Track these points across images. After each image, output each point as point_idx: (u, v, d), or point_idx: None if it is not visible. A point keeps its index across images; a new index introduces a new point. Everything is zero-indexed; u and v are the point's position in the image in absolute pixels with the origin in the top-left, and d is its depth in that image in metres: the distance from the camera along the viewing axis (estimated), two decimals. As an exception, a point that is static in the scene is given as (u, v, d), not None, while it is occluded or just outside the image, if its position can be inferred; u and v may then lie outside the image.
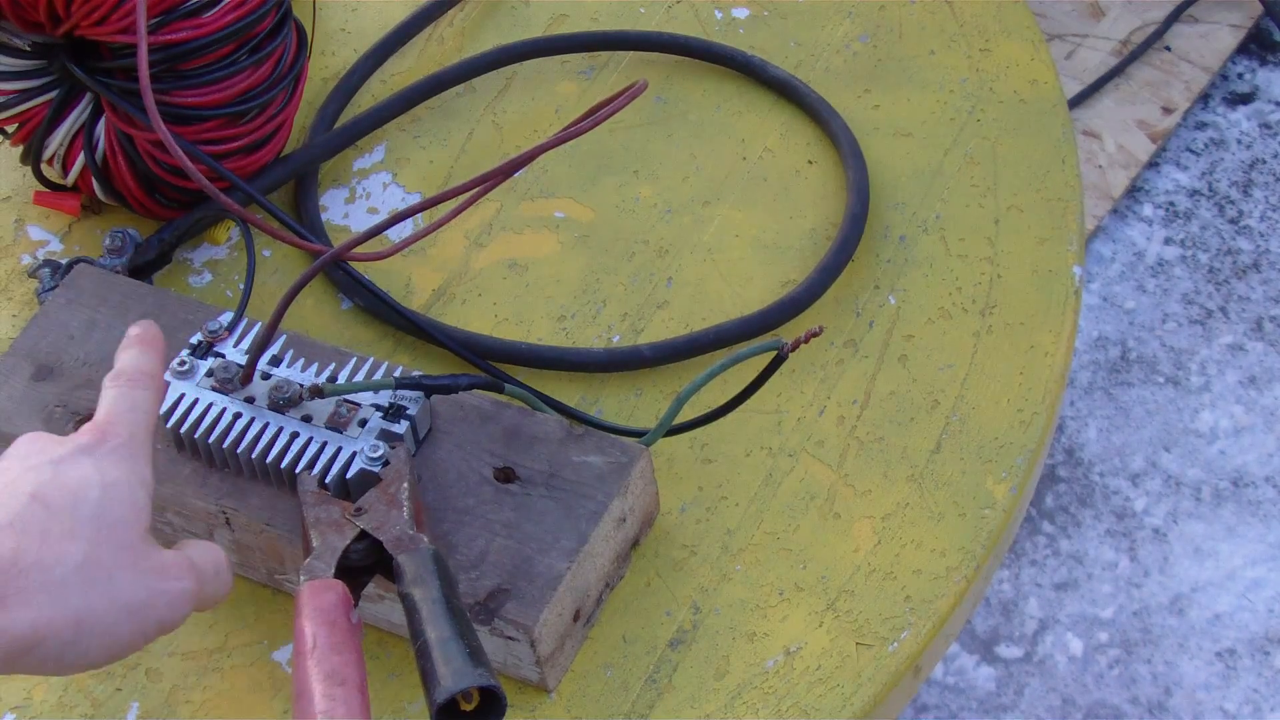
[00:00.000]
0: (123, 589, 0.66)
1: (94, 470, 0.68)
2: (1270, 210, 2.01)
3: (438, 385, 0.80)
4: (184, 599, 0.68)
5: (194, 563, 0.70)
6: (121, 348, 0.77)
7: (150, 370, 0.75)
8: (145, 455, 0.71)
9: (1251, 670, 1.67)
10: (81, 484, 0.67)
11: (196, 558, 0.70)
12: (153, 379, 0.75)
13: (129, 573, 0.66)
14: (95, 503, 0.67)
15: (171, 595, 0.68)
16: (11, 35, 0.92)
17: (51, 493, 0.66)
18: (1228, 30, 2.11)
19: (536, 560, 0.77)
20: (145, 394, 0.74)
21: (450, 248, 0.97)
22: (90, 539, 0.66)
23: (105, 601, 0.65)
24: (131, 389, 0.73)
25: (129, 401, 0.73)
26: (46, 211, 1.00)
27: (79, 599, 0.64)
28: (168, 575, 0.68)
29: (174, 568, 0.68)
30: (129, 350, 0.76)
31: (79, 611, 0.64)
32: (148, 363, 0.76)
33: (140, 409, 0.73)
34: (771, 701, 0.79)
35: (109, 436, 0.70)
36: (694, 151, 1.01)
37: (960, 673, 1.68)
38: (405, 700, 0.80)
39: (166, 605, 0.68)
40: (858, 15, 1.07)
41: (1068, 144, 1.00)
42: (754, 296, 0.94)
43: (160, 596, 0.67)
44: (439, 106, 1.04)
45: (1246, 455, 1.82)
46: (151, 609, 0.67)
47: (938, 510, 0.85)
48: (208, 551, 0.71)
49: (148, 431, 0.72)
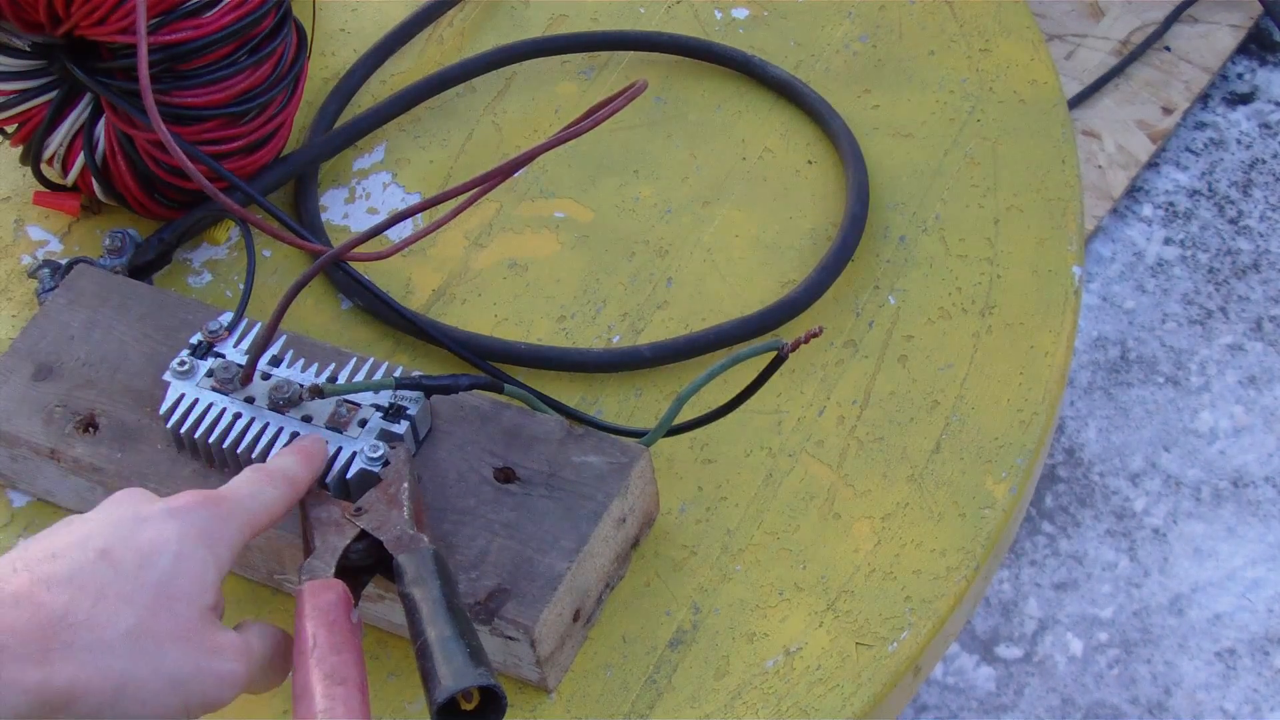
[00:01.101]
0: (171, 661, 0.65)
1: (174, 536, 0.67)
2: (1270, 210, 2.01)
3: (438, 385, 0.80)
4: (233, 681, 0.67)
5: (250, 647, 0.68)
6: (283, 451, 0.76)
7: (294, 477, 0.74)
8: (235, 540, 0.69)
9: (1251, 670, 1.67)
10: (157, 548, 0.66)
11: (254, 642, 0.69)
12: (291, 485, 0.74)
13: (180, 645, 0.65)
14: (164, 571, 0.66)
15: (220, 675, 0.66)
16: (11, 35, 0.92)
17: (122, 552, 0.65)
18: (1228, 30, 2.11)
19: (536, 560, 0.77)
20: (274, 493, 0.73)
21: (450, 248, 0.97)
22: (148, 606, 0.65)
23: (149, 670, 0.64)
24: (264, 483, 0.73)
25: (254, 489, 0.72)
26: (46, 211, 1.00)
27: (123, 663, 0.63)
28: (220, 655, 0.67)
29: (228, 649, 0.67)
30: (286, 455, 0.76)
31: (122, 676, 0.63)
32: (297, 471, 0.75)
33: (259, 501, 0.72)
34: (771, 701, 0.79)
35: (207, 506, 0.69)
36: (694, 151, 1.01)
37: (960, 673, 1.68)
38: (405, 700, 0.80)
39: (214, 684, 0.66)
40: (858, 15, 1.07)
41: (1068, 144, 1.00)
42: (754, 296, 0.94)
43: (209, 675, 0.66)
44: (439, 106, 1.04)
45: (1246, 455, 1.82)
46: (197, 685, 0.66)
47: (937, 510, 0.85)
48: (268, 637, 0.70)
49: (251, 524, 0.71)
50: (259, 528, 0.71)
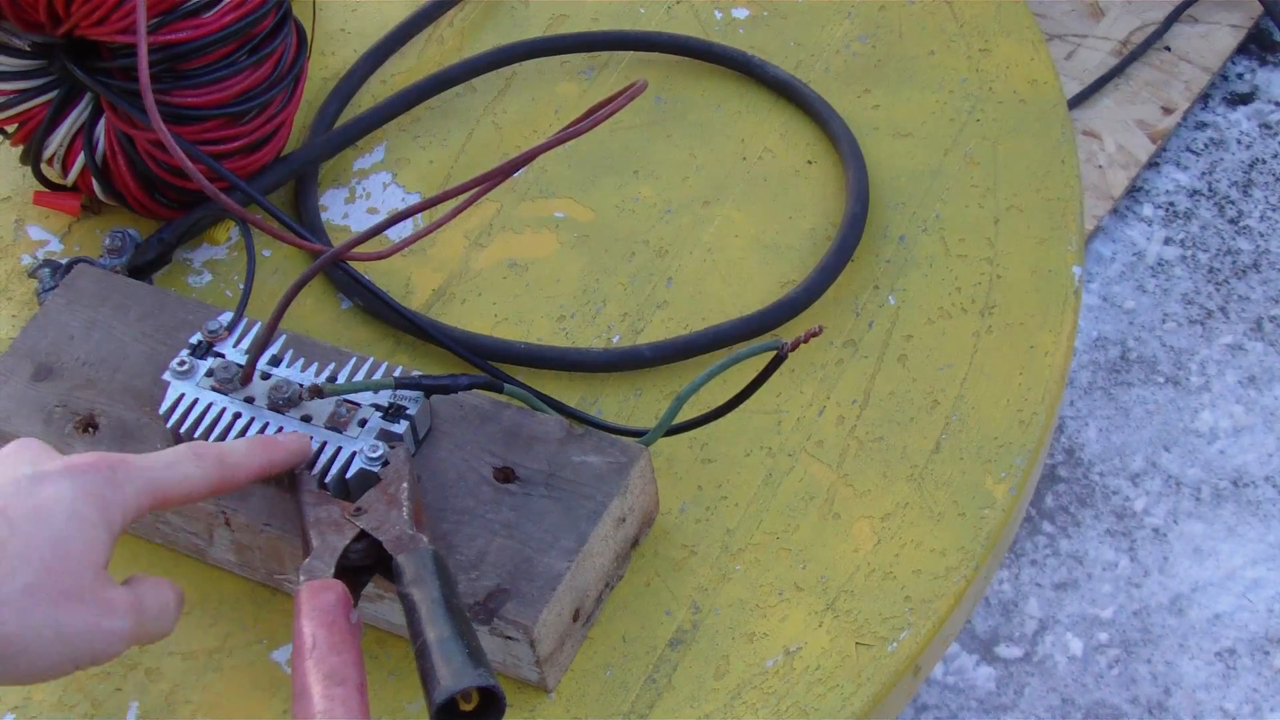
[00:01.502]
0: (63, 617, 0.66)
1: (69, 496, 0.67)
2: (1270, 210, 2.01)
3: (437, 385, 0.80)
4: (120, 637, 0.68)
5: (140, 603, 0.69)
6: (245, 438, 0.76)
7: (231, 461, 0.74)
8: (130, 505, 0.69)
9: (1251, 670, 1.67)
10: (52, 507, 0.67)
11: (145, 598, 0.70)
12: (222, 468, 0.73)
13: (72, 603, 0.66)
14: (57, 529, 0.66)
15: (109, 632, 0.68)
16: (11, 35, 0.92)
17: (18, 509, 0.66)
18: (1228, 30, 2.11)
19: (536, 560, 0.77)
20: (194, 470, 0.72)
21: (450, 248, 0.97)
22: (43, 563, 0.65)
23: (41, 626, 0.65)
24: (187, 458, 0.72)
25: (171, 460, 0.72)
26: (46, 211, 1.00)
27: (17, 619, 0.64)
28: (111, 613, 0.68)
29: (118, 606, 0.68)
30: (241, 440, 0.75)
31: (15, 631, 0.64)
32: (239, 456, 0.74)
33: (172, 473, 0.71)
34: (771, 701, 0.79)
35: (105, 470, 0.69)
36: (694, 151, 1.01)
37: (960, 673, 1.68)
38: (405, 700, 0.80)
39: (103, 640, 0.67)
40: (858, 15, 1.07)
41: (1068, 144, 1.00)
42: (754, 296, 0.94)
43: (97, 632, 0.67)
44: (439, 106, 1.04)
45: (1246, 455, 1.82)
46: (86, 641, 0.67)
47: (937, 510, 0.85)
48: (158, 592, 0.71)
49: (151, 494, 0.70)
50: (166, 499, 0.71)
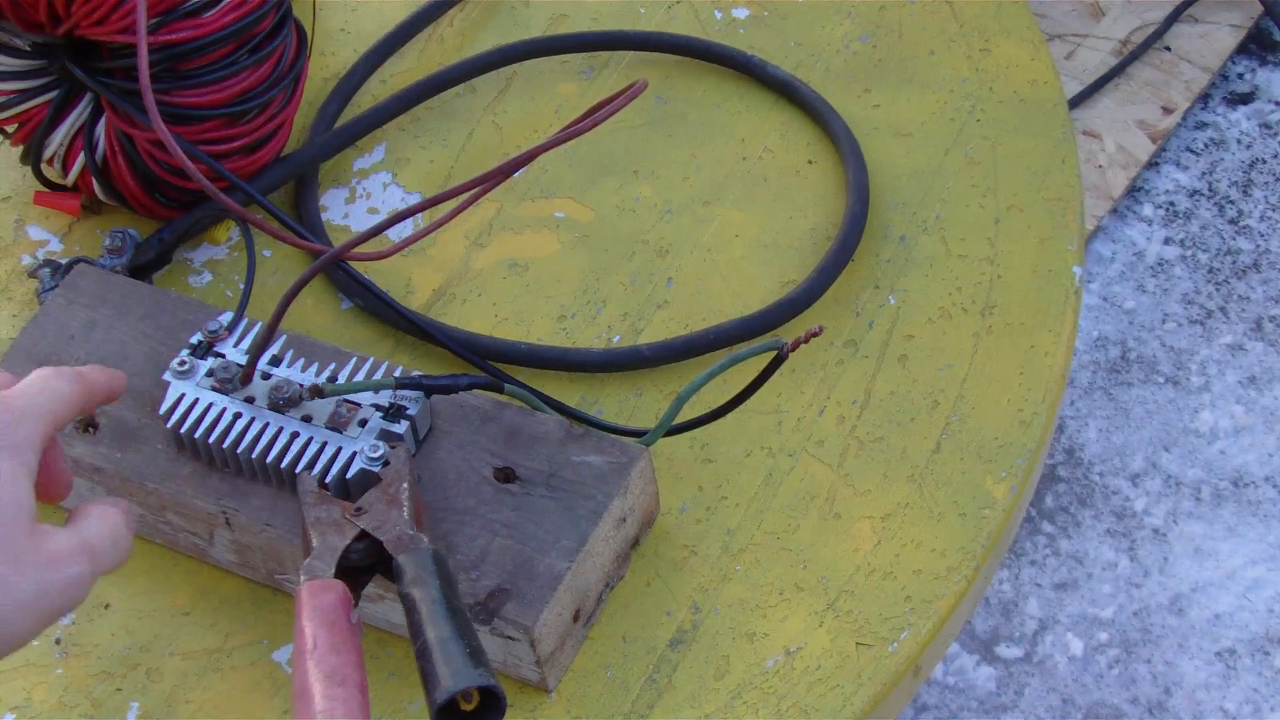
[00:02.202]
0: (13, 589, 0.64)
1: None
2: (1270, 210, 2.01)
3: (438, 385, 0.80)
4: (79, 583, 0.66)
5: (87, 541, 0.67)
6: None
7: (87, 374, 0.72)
8: (36, 439, 0.67)
9: (1251, 670, 1.67)
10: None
11: (90, 534, 0.67)
12: (81, 380, 0.71)
13: (15, 569, 0.64)
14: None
15: (65, 583, 0.65)
16: (11, 35, 0.92)
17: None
18: (1228, 30, 2.11)
19: (536, 560, 0.77)
20: (64, 386, 0.70)
21: (450, 248, 0.97)
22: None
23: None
24: (51, 377, 0.70)
25: (39, 384, 0.69)
26: (46, 211, 1.00)
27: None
28: (59, 564, 0.65)
29: (65, 554, 0.66)
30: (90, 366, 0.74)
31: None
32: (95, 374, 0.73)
33: (45, 393, 0.69)
34: (771, 701, 0.79)
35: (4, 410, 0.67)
36: (694, 151, 1.01)
37: (960, 673, 1.68)
38: (405, 700, 0.80)
39: (61, 592, 0.65)
40: (858, 15, 1.07)
41: (1068, 144, 1.00)
42: (754, 296, 0.94)
43: (53, 587, 0.65)
44: (439, 106, 1.04)
45: (1246, 455, 1.82)
46: (46, 599, 0.65)
47: (938, 510, 0.85)
48: (102, 521, 0.68)
49: (47, 418, 0.68)
50: (58, 422, 0.69)
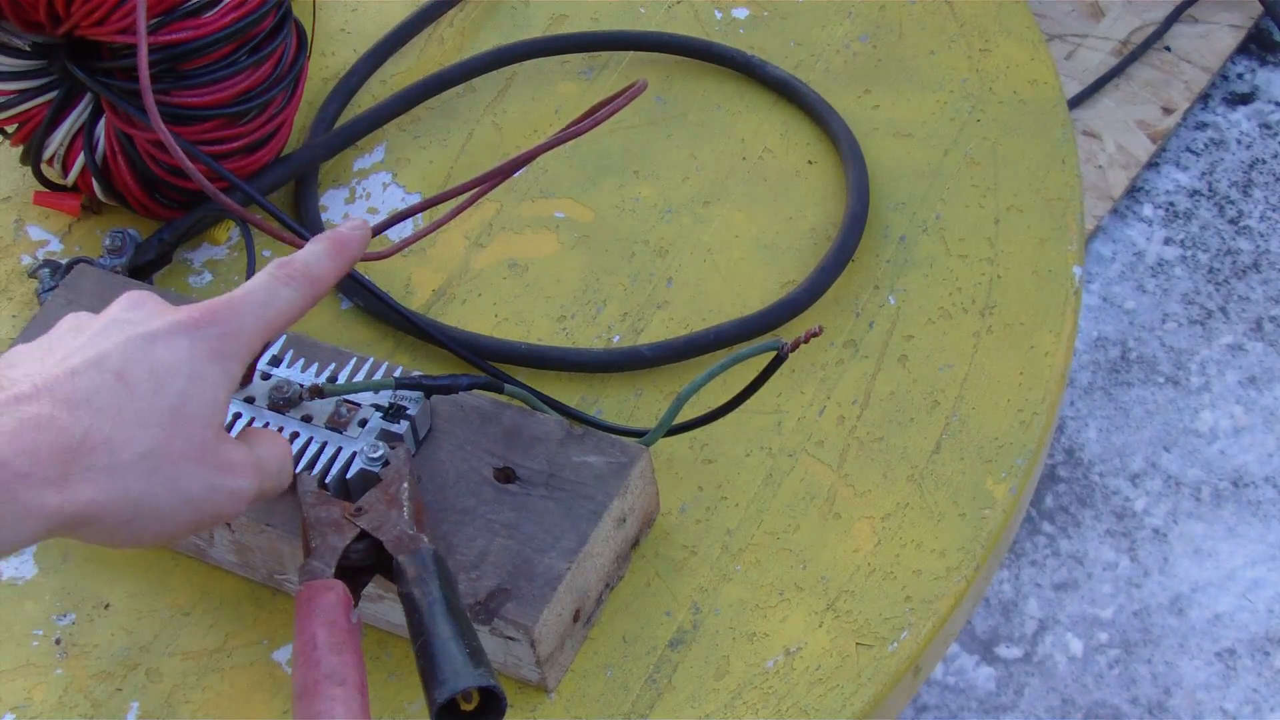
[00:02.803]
0: (186, 481, 0.66)
1: (187, 356, 0.67)
2: (1270, 210, 2.01)
3: (438, 385, 0.80)
4: (243, 496, 0.69)
5: (260, 461, 0.70)
6: (313, 240, 0.74)
7: (319, 274, 0.73)
8: (245, 354, 0.69)
9: (1251, 670, 1.67)
10: (170, 369, 0.66)
11: (263, 454, 0.71)
12: (313, 284, 0.72)
13: (195, 466, 0.66)
14: (178, 393, 0.66)
15: (233, 491, 0.68)
16: (11, 35, 0.92)
17: (137, 373, 0.66)
18: (1228, 30, 2.11)
19: (536, 560, 0.77)
20: (291, 293, 0.71)
21: (450, 248, 0.97)
22: (164, 427, 0.65)
23: (166, 490, 0.66)
24: (281, 284, 0.71)
25: (267, 294, 0.71)
26: (46, 211, 1.00)
27: (141, 485, 0.65)
28: (233, 472, 0.68)
29: (240, 466, 0.69)
30: (316, 243, 0.74)
31: (140, 497, 0.65)
32: (323, 267, 0.73)
33: (273, 306, 0.70)
34: (771, 701, 0.79)
35: (219, 322, 0.69)
36: (694, 151, 1.01)
37: (960, 673, 1.68)
38: (405, 700, 0.80)
39: (227, 500, 0.68)
40: (858, 15, 1.07)
41: (1068, 144, 1.00)
42: (754, 296, 0.94)
43: (221, 493, 0.68)
44: (439, 106, 1.04)
45: (1246, 455, 1.82)
46: (211, 502, 0.68)
47: (938, 510, 0.85)
48: (274, 447, 0.72)
49: (264, 332, 0.70)
50: (275, 332, 0.71)
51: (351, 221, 0.77)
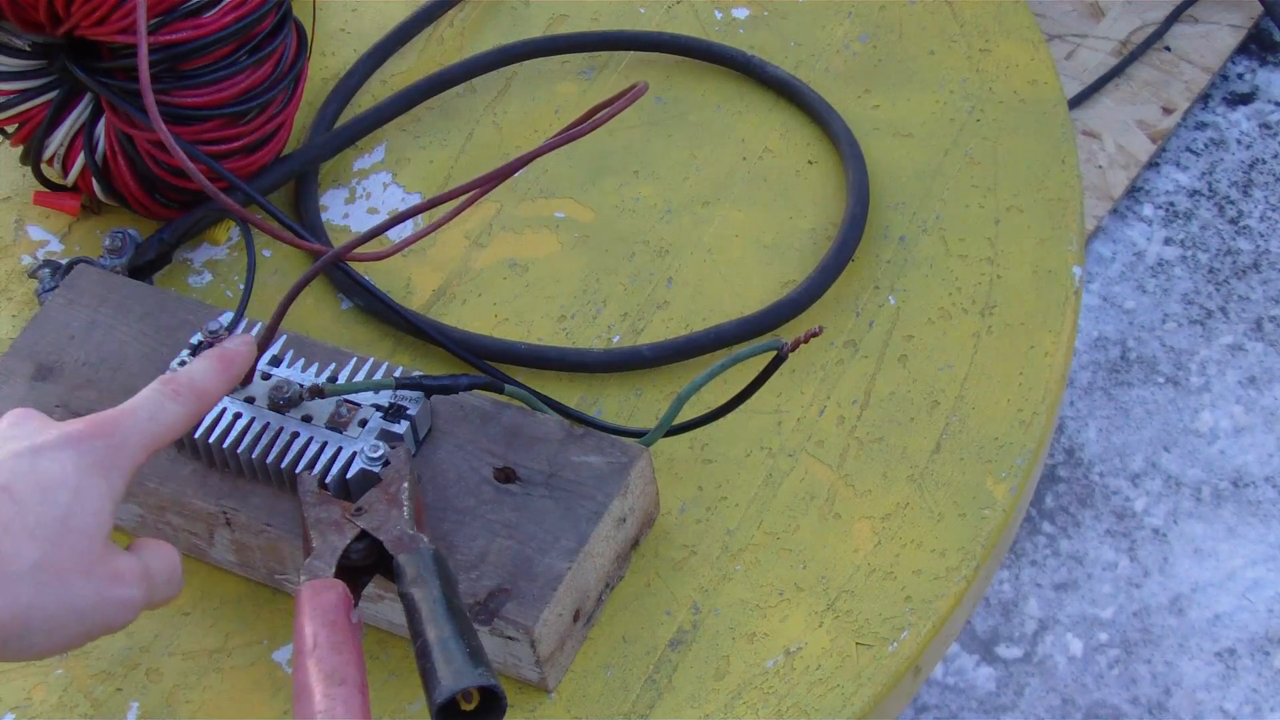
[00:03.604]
0: (74, 593, 0.66)
1: (73, 469, 0.67)
2: (1270, 210, 2.01)
3: (438, 385, 0.80)
4: (133, 606, 0.69)
5: (148, 570, 0.70)
6: (200, 355, 0.76)
7: (205, 389, 0.74)
8: (130, 466, 0.70)
9: (1251, 670, 1.67)
10: (56, 482, 0.67)
11: (152, 564, 0.70)
12: (199, 398, 0.73)
13: (83, 577, 0.66)
14: (63, 505, 0.66)
15: (121, 601, 0.68)
16: (11, 35, 0.92)
17: (23, 486, 0.66)
18: (1228, 30, 2.11)
19: (536, 560, 0.77)
20: (177, 408, 0.72)
21: (450, 248, 0.97)
22: (51, 540, 0.66)
23: (56, 603, 0.66)
24: (167, 399, 0.72)
25: (153, 408, 0.72)
26: (46, 211, 1.00)
27: (29, 597, 0.65)
28: (121, 583, 0.68)
29: (128, 575, 0.68)
30: (201, 360, 0.75)
31: (28, 609, 0.65)
32: (210, 382, 0.75)
33: (159, 420, 0.71)
34: (771, 701, 0.79)
35: (103, 435, 0.69)
36: (694, 151, 1.01)
37: (960, 673, 1.68)
38: (405, 700, 0.80)
39: (116, 610, 0.68)
40: (858, 15, 1.07)
41: (1068, 144, 1.00)
42: (754, 296, 0.94)
43: (110, 603, 0.68)
44: (439, 106, 1.04)
45: (1246, 455, 1.82)
46: (100, 612, 0.67)
47: (938, 510, 0.85)
48: (163, 557, 0.71)
49: (148, 445, 0.71)
50: (159, 445, 0.71)
51: (238, 337, 0.78)
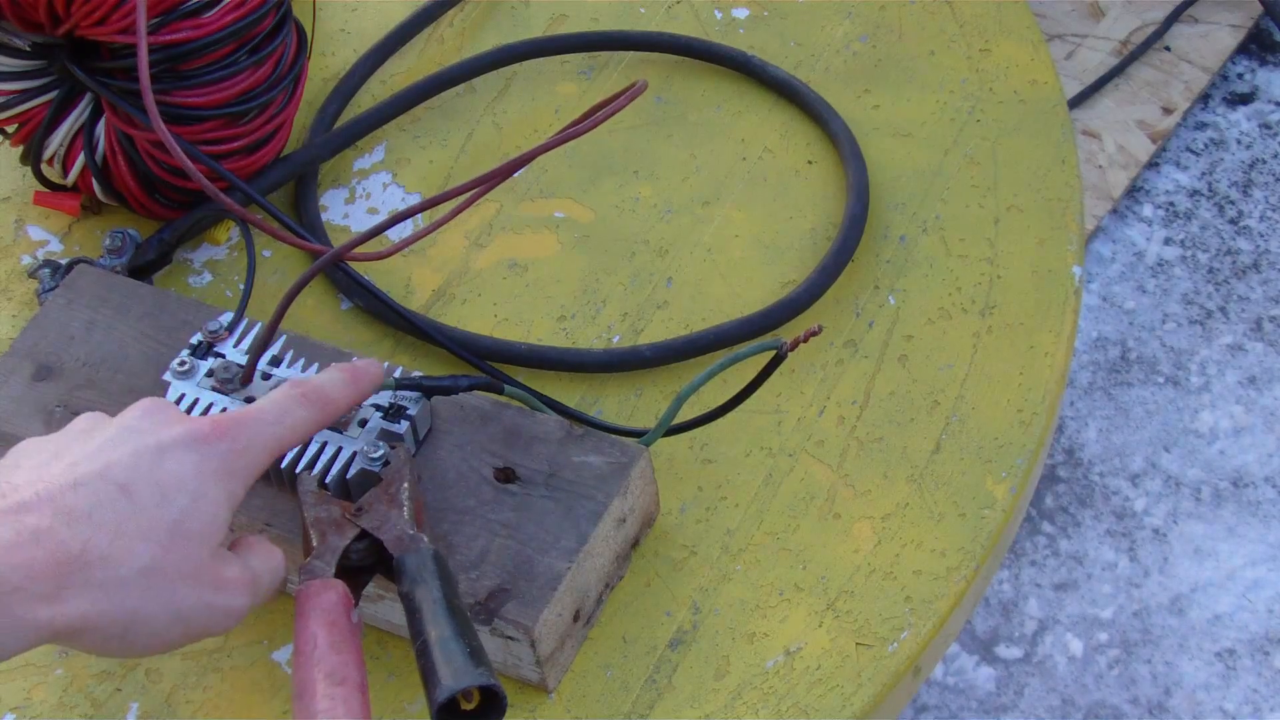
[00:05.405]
0: (180, 598, 0.66)
1: (194, 472, 0.67)
2: (1270, 210, 2.01)
3: (438, 386, 0.81)
4: (237, 614, 0.69)
5: (255, 577, 0.70)
6: (332, 366, 0.76)
7: (332, 399, 0.74)
8: (252, 472, 0.70)
9: (1251, 670, 1.67)
10: (176, 484, 0.67)
11: (258, 568, 0.70)
12: (325, 408, 0.73)
13: (191, 584, 0.66)
14: (180, 509, 0.66)
15: (227, 610, 0.68)
16: (11, 35, 0.92)
17: (142, 486, 0.66)
18: (1228, 30, 2.11)
19: (536, 560, 0.77)
20: (305, 414, 0.72)
21: (450, 248, 0.97)
22: (163, 544, 0.65)
23: (160, 607, 0.65)
24: (296, 403, 0.72)
25: (280, 411, 0.72)
26: (46, 211, 1.00)
27: (135, 600, 0.64)
28: (227, 591, 0.68)
29: (234, 584, 0.68)
30: (333, 373, 0.75)
31: (134, 612, 0.65)
32: (339, 392, 0.75)
33: (284, 424, 0.72)
34: (771, 701, 0.79)
35: (228, 438, 0.69)
36: (694, 151, 1.01)
37: (960, 673, 1.68)
38: (405, 700, 0.80)
39: (220, 618, 0.68)
40: (858, 15, 1.07)
41: (1068, 144, 1.00)
42: (754, 296, 0.94)
43: (215, 611, 0.68)
44: (439, 106, 1.04)
45: (1246, 455, 1.82)
46: (203, 620, 0.68)
47: (938, 510, 0.85)
48: (268, 559, 0.71)
49: (273, 450, 0.71)
50: (283, 450, 0.72)
51: (370, 359, 0.78)
